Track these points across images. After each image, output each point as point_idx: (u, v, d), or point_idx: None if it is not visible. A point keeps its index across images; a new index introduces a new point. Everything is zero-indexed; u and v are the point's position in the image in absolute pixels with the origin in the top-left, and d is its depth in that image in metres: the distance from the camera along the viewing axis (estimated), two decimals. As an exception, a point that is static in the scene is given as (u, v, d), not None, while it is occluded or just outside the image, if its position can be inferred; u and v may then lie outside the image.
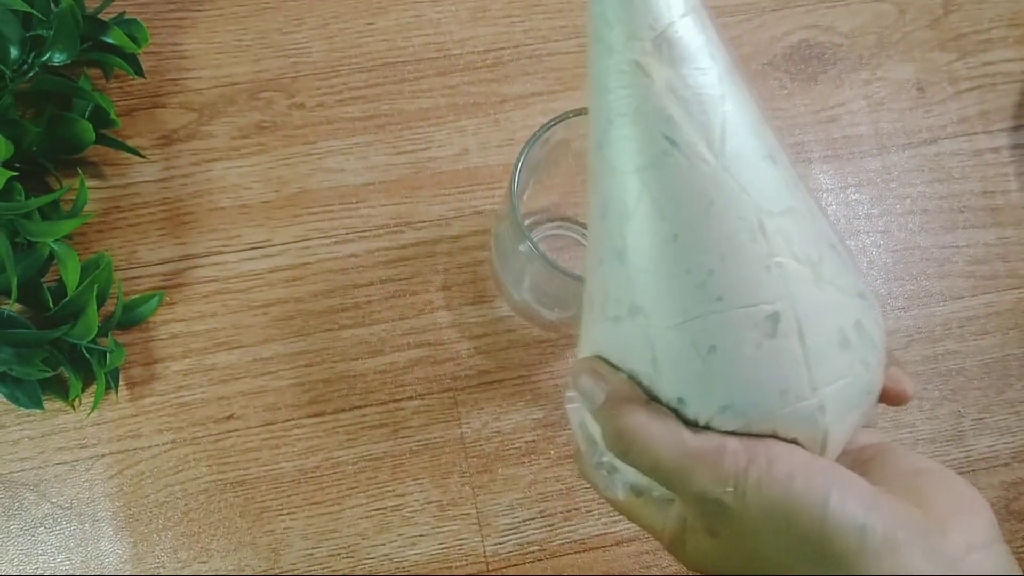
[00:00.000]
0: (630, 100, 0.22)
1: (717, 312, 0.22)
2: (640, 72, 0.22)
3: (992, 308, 0.47)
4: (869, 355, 0.23)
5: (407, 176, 0.46)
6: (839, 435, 0.23)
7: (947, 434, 0.45)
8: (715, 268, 0.22)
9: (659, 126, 0.22)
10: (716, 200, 0.22)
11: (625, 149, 0.22)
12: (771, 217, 0.22)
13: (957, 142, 0.49)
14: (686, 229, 0.22)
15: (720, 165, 0.22)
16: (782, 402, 0.22)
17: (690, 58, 0.22)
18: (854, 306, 0.23)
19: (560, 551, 0.42)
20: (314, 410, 0.43)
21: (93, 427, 0.42)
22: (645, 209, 0.22)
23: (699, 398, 0.22)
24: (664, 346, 0.23)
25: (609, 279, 0.24)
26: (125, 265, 0.44)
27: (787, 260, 0.22)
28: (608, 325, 0.24)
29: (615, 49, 0.22)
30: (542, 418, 0.43)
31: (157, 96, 0.46)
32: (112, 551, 0.41)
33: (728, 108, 0.22)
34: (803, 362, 0.22)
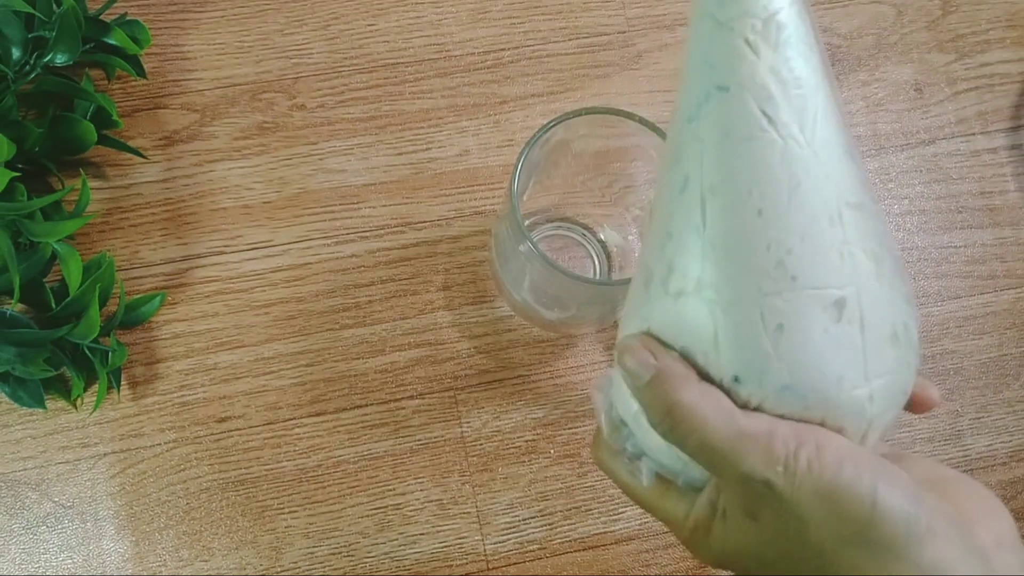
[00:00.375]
0: (734, 75, 0.23)
1: (791, 291, 0.22)
2: (749, 49, 0.22)
3: (989, 308, 0.47)
4: (912, 356, 0.24)
5: (408, 177, 0.46)
6: (879, 429, 0.24)
7: (945, 433, 0.46)
8: (794, 247, 0.22)
9: (760, 103, 0.22)
10: (803, 182, 0.22)
11: (721, 122, 0.23)
12: (848, 207, 0.23)
13: (955, 143, 0.49)
14: (772, 206, 0.22)
15: (811, 149, 0.23)
16: (838, 388, 0.22)
17: (795, 44, 0.23)
18: (904, 308, 0.24)
19: (560, 550, 0.42)
20: (315, 409, 0.43)
21: (95, 426, 0.42)
22: (733, 182, 0.23)
23: (759, 377, 0.23)
24: (730, 322, 0.23)
25: (679, 252, 0.24)
26: (127, 265, 0.44)
27: (857, 250, 0.23)
28: (668, 301, 0.24)
29: (725, 25, 0.23)
30: (542, 417, 0.44)
31: (159, 97, 0.46)
32: (114, 550, 0.41)
33: (821, 98, 0.23)
34: (861, 351, 0.22)
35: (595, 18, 0.49)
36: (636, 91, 0.48)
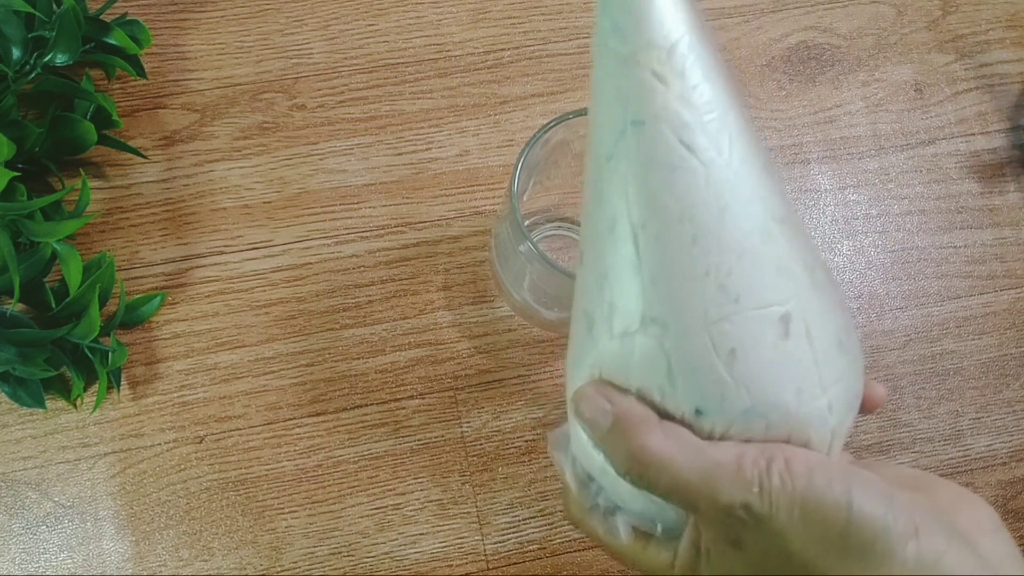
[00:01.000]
0: (647, 108, 0.22)
1: (736, 313, 0.22)
2: (657, 80, 0.22)
3: (989, 308, 0.47)
4: (857, 358, 0.24)
5: (408, 177, 0.46)
6: (840, 436, 0.24)
7: (945, 433, 0.46)
8: (733, 269, 0.22)
9: (677, 132, 0.22)
10: (731, 203, 0.22)
11: (640, 156, 0.23)
12: (776, 222, 0.23)
13: (955, 143, 0.49)
14: (705, 231, 0.22)
15: (732, 170, 0.22)
16: (798, 401, 0.22)
17: (701, 68, 0.22)
18: (841, 314, 0.24)
19: (560, 549, 0.42)
20: (315, 409, 0.43)
21: (95, 426, 0.42)
22: (662, 214, 0.22)
23: (719, 404, 0.22)
24: (682, 354, 0.22)
25: (618, 292, 0.23)
26: (127, 265, 0.44)
27: (792, 264, 0.23)
28: (614, 343, 0.24)
29: (629, 60, 0.22)
30: (542, 417, 0.44)
31: (159, 97, 0.46)
32: (114, 550, 0.41)
33: (733, 117, 0.23)
34: (813, 362, 0.23)
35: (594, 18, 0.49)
36: (636, 91, 0.48)
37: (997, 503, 0.45)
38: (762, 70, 0.49)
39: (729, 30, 0.50)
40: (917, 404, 0.46)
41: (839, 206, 0.48)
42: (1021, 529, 0.45)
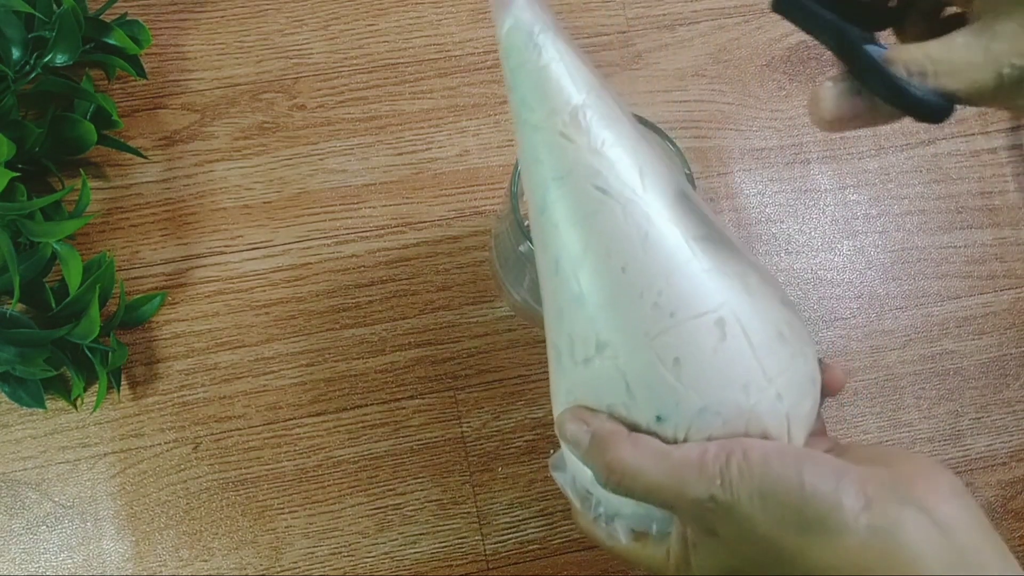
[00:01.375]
0: (562, 165, 0.26)
1: (674, 326, 0.25)
2: (565, 140, 0.26)
3: (989, 308, 0.47)
4: (804, 347, 0.26)
5: (408, 177, 0.46)
6: (799, 422, 0.26)
7: (945, 433, 0.46)
8: (663, 288, 0.25)
9: (590, 180, 0.25)
10: (650, 231, 0.25)
11: (566, 206, 0.26)
12: (697, 240, 0.25)
13: (955, 143, 0.49)
14: (631, 260, 0.25)
15: (647, 204, 0.25)
16: (747, 395, 0.25)
17: (603, 120, 0.26)
18: (781, 309, 0.26)
19: (560, 549, 0.42)
20: (315, 409, 0.43)
21: (95, 426, 0.42)
22: (593, 251, 0.26)
23: (676, 409, 0.25)
24: (634, 370, 0.25)
25: (573, 325, 0.27)
26: (127, 265, 0.44)
27: (718, 274, 0.25)
28: (579, 369, 0.27)
29: (540, 127, 0.26)
30: (542, 417, 0.44)
31: (159, 97, 0.46)
32: (114, 550, 0.41)
33: (641, 153, 0.26)
34: (754, 357, 0.25)
35: (595, 18, 0.49)
36: (636, 91, 0.48)
37: (997, 503, 0.45)
38: (762, 70, 0.49)
39: (729, 30, 0.50)
40: (917, 404, 0.46)
41: (839, 206, 0.48)
42: (1021, 529, 0.45)
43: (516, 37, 0.26)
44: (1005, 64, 0.22)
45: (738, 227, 0.47)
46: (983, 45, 0.23)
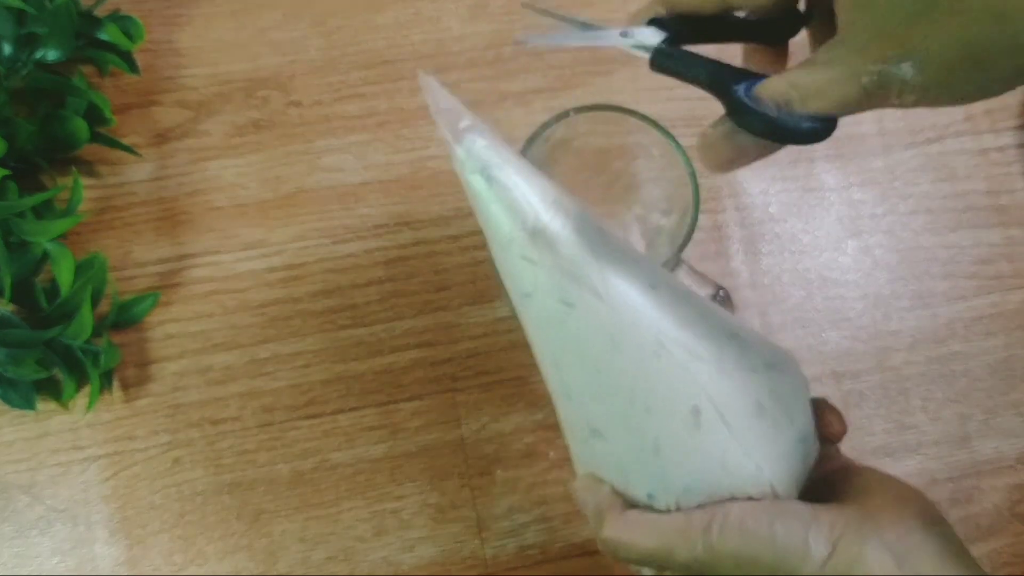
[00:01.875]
0: (528, 283, 0.27)
1: (650, 419, 0.27)
2: (527, 262, 0.27)
3: (997, 308, 0.46)
4: (790, 411, 0.28)
5: (406, 175, 0.45)
6: (785, 483, 0.27)
7: (952, 436, 0.45)
8: (636, 386, 0.27)
9: (555, 296, 0.27)
10: (616, 336, 0.27)
11: (537, 319, 0.28)
12: (665, 334, 0.27)
13: (962, 141, 0.49)
14: (603, 364, 0.27)
15: (610, 309, 0.27)
16: (726, 472, 0.27)
17: (564, 236, 0.27)
18: (764, 379, 0.27)
19: (561, 554, 0.42)
20: (311, 411, 0.42)
21: (87, 428, 0.41)
22: (566, 357, 0.28)
23: (663, 489, 0.27)
24: (623, 456, 0.28)
25: (567, 412, 0.29)
26: (120, 265, 0.43)
27: (691, 362, 0.26)
28: (582, 446, 0.29)
29: (503, 248, 0.28)
30: (542, 420, 0.43)
31: (152, 94, 0.45)
32: (107, 554, 0.40)
33: (603, 263, 0.27)
34: (731, 437, 0.26)
35: (596, 13, 0.48)
36: (638, 88, 0.47)
37: (1004, 507, 0.45)
38: (766, 66, 0.49)
39: (733, 26, 0.49)
40: (924, 406, 0.45)
41: (845, 205, 0.47)
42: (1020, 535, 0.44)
43: (468, 169, 0.27)
44: (863, 73, 0.23)
45: (741, 226, 0.47)
46: (840, 59, 0.23)
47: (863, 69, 0.23)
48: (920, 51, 0.22)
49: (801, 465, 0.28)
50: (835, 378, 0.45)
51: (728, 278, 0.46)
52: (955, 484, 0.44)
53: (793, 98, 0.24)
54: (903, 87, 0.23)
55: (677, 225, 0.36)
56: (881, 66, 0.22)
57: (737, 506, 0.26)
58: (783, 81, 0.24)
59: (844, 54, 0.23)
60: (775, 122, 0.24)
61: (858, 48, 0.23)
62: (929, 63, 0.22)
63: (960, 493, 0.44)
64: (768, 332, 0.45)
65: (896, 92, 0.23)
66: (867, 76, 0.23)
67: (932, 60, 0.22)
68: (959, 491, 0.44)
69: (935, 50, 0.22)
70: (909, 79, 0.22)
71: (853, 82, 0.23)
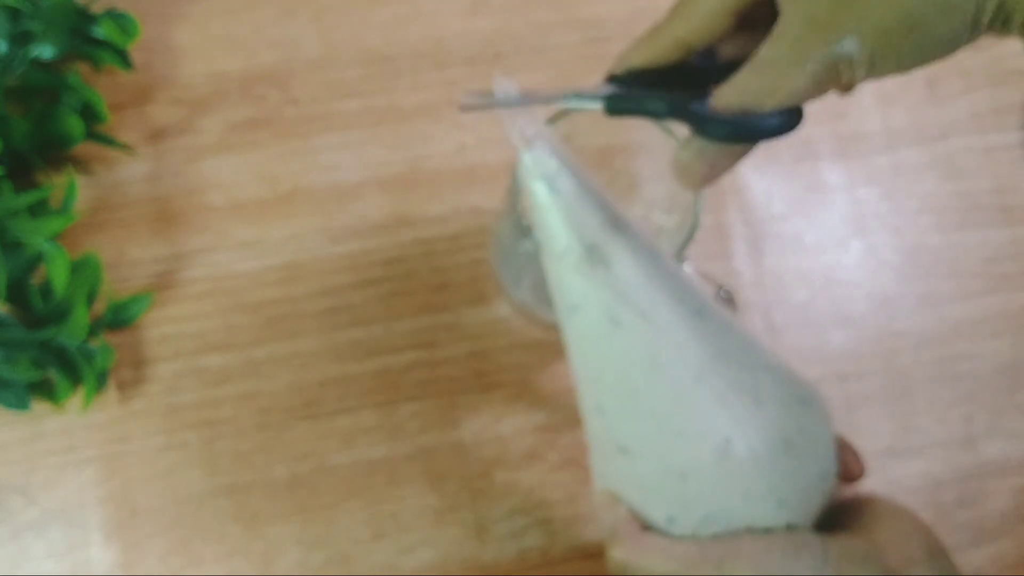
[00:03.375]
0: (577, 296, 0.28)
1: (680, 445, 0.27)
2: (578, 275, 0.28)
3: (1004, 308, 0.46)
4: (815, 449, 0.28)
5: (404, 173, 0.45)
6: (802, 516, 0.28)
7: (958, 438, 0.45)
8: (671, 412, 0.27)
9: (603, 312, 0.27)
10: (659, 359, 0.27)
11: (581, 332, 0.28)
12: (708, 363, 0.27)
13: (969, 139, 0.48)
14: (642, 385, 0.27)
15: (656, 332, 0.27)
16: (746, 505, 0.27)
17: (616, 258, 0.27)
18: (795, 414, 0.28)
19: (561, 557, 0.42)
20: (308, 413, 0.42)
21: (82, 430, 0.41)
22: (605, 373, 0.28)
23: (683, 514, 0.28)
24: (647, 477, 0.28)
25: (596, 428, 0.29)
26: (115, 264, 0.43)
27: (729, 395, 0.27)
28: (606, 462, 0.30)
29: (555, 258, 0.28)
30: (542, 422, 0.43)
31: (147, 91, 0.45)
32: (102, 557, 0.40)
33: (655, 285, 0.27)
34: (755, 470, 0.27)
35: (598, 8, 0.48)
36: (640, 85, 0.47)
37: (1010, 509, 0.45)
38: (770, 63, 0.48)
39: (736, 22, 0.49)
40: (930, 408, 0.45)
41: (850, 204, 0.47)
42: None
43: (532, 176, 0.28)
44: (807, 61, 0.23)
45: (745, 225, 0.46)
46: (783, 53, 0.24)
47: (806, 57, 0.23)
48: (858, 26, 0.23)
49: (819, 501, 0.28)
50: (839, 379, 0.45)
51: (731, 278, 0.45)
52: (961, 486, 0.44)
53: (749, 102, 0.24)
54: (850, 64, 0.23)
55: (679, 224, 0.36)
56: (824, 48, 0.23)
57: (751, 539, 0.27)
58: (733, 89, 0.25)
59: (785, 47, 0.24)
60: (740, 125, 0.25)
61: (797, 37, 0.24)
62: (868, 35, 0.23)
63: (966, 495, 0.44)
64: (771, 333, 0.45)
65: (845, 70, 0.24)
66: (811, 63, 0.23)
67: (871, 31, 0.23)
68: (965, 493, 0.44)
69: (873, 20, 0.23)
70: (854, 55, 0.23)
71: (799, 72, 0.24)
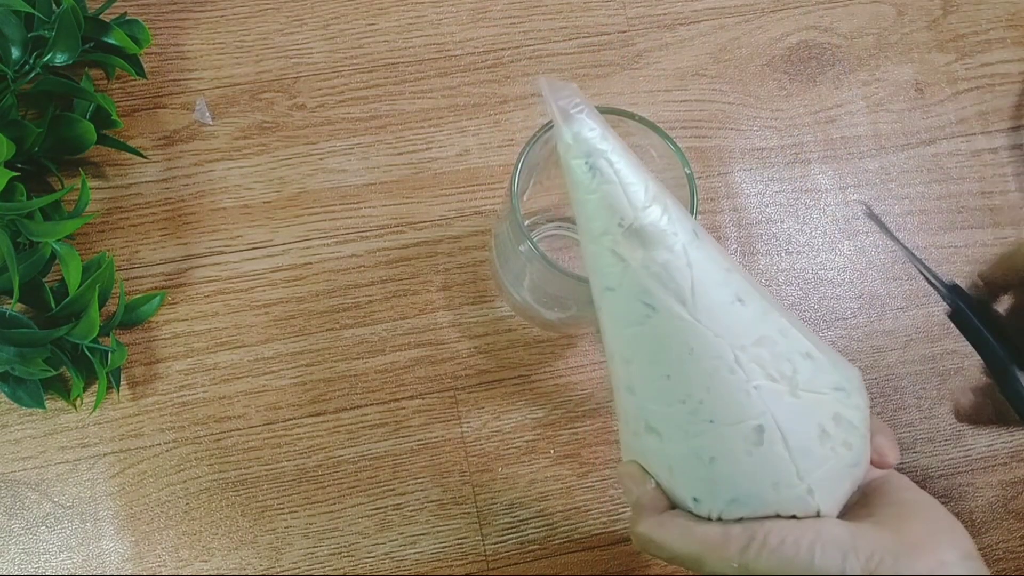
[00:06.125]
0: (613, 278, 0.27)
1: (711, 431, 0.26)
2: (616, 258, 0.27)
3: (990, 308, 0.47)
4: (849, 437, 0.27)
5: (408, 176, 0.46)
6: (831, 504, 0.27)
7: (946, 433, 0.45)
8: (703, 398, 0.26)
9: (639, 297, 0.27)
10: (695, 347, 0.26)
11: (615, 314, 0.28)
12: (744, 350, 0.26)
13: (955, 143, 0.49)
14: (675, 370, 0.27)
15: (694, 319, 0.26)
16: (776, 492, 0.26)
17: (655, 241, 0.26)
18: (831, 400, 0.27)
19: (560, 550, 0.42)
20: (315, 409, 0.43)
21: (95, 426, 0.42)
22: (638, 356, 0.27)
23: (709, 497, 0.27)
24: (675, 458, 0.28)
25: (626, 405, 0.29)
26: (127, 265, 0.44)
27: (763, 382, 0.26)
28: (634, 439, 0.29)
29: (593, 239, 0.27)
30: (542, 417, 0.44)
31: (159, 97, 0.46)
32: (113, 550, 0.41)
33: (695, 272, 0.26)
34: (789, 460, 0.26)
35: (595, 17, 0.49)
36: (636, 91, 0.48)
37: (997, 503, 0.45)
38: (762, 70, 0.49)
39: (729, 30, 0.50)
40: (918, 404, 0.46)
41: (840, 206, 0.48)
42: (1021, 529, 0.45)
43: (572, 154, 0.27)
44: None
45: (738, 227, 0.47)
46: None
47: None
48: None
49: (849, 488, 0.28)
50: (830, 376, 0.45)
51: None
52: (949, 481, 0.45)
53: None
54: None
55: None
56: None
57: (777, 526, 0.26)
58: None
59: None
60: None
61: None
62: None
63: (954, 490, 0.45)
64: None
65: None
66: None
67: None
68: (953, 488, 0.45)
69: None
70: None
71: None
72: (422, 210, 0.45)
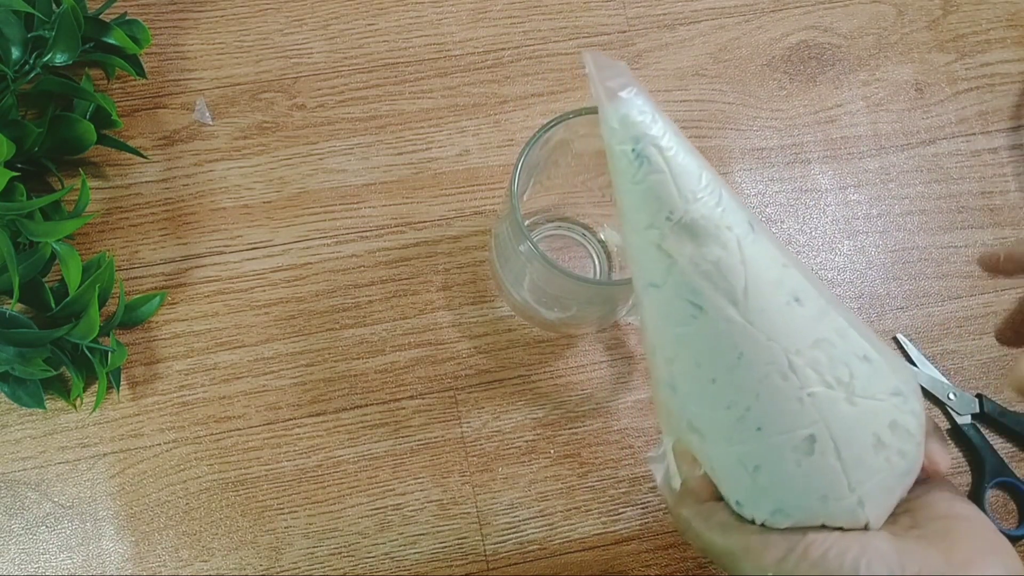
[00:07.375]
0: (657, 274, 0.25)
1: (757, 440, 0.25)
2: (663, 253, 0.24)
3: (990, 308, 0.47)
4: (904, 445, 0.25)
5: (408, 177, 0.46)
6: (879, 515, 0.25)
7: (946, 432, 0.45)
8: (751, 405, 0.24)
9: (685, 295, 0.24)
10: (745, 351, 0.24)
11: (659, 312, 0.25)
12: (799, 354, 0.24)
13: (955, 143, 0.49)
14: (722, 375, 0.25)
15: (745, 321, 0.24)
16: (824, 504, 0.25)
17: (707, 235, 0.24)
18: (888, 407, 0.25)
19: (560, 550, 0.42)
20: (315, 409, 0.43)
21: (95, 426, 0.42)
22: (683, 358, 0.25)
23: (752, 504, 0.26)
24: (717, 460, 0.26)
25: (667, 400, 0.27)
26: (127, 265, 0.44)
27: (818, 389, 0.24)
28: (676, 432, 0.27)
29: (641, 232, 0.25)
30: (542, 417, 0.44)
31: (159, 97, 0.46)
32: (113, 550, 0.41)
33: (749, 270, 0.24)
34: (840, 471, 0.24)
35: (595, 18, 0.49)
36: (636, 91, 0.48)
37: (998, 501, 0.45)
38: (762, 70, 0.49)
39: (729, 29, 0.50)
40: (918, 404, 0.46)
41: (840, 206, 0.48)
42: (1022, 529, 0.45)
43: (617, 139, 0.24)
44: None
45: (738, 227, 0.47)
46: None
47: None
48: None
49: (899, 497, 0.26)
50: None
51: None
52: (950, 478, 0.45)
53: None
54: None
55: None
56: None
57: (820, 538, 0.25)
58: None
59: None
60: None
61: None
62: None
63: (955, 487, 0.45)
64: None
65: None
66: None
67: None
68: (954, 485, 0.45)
69: None
70: None
71: None
72: (422, 210, 0.45)
